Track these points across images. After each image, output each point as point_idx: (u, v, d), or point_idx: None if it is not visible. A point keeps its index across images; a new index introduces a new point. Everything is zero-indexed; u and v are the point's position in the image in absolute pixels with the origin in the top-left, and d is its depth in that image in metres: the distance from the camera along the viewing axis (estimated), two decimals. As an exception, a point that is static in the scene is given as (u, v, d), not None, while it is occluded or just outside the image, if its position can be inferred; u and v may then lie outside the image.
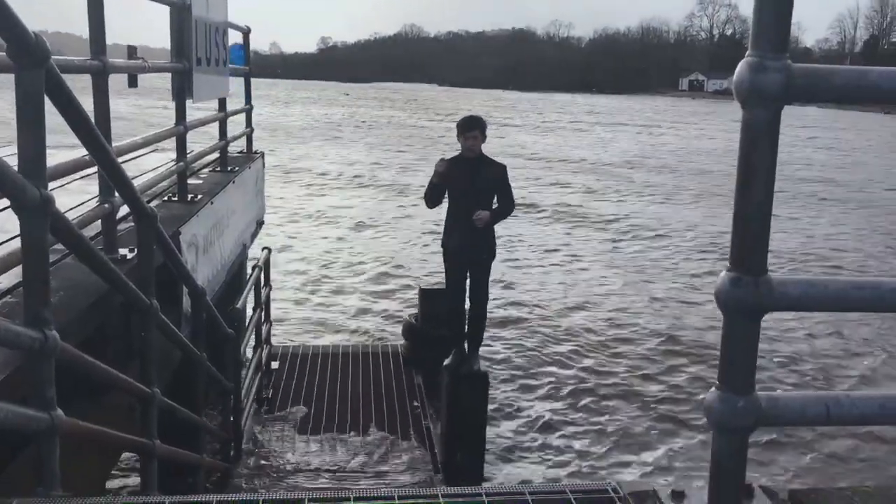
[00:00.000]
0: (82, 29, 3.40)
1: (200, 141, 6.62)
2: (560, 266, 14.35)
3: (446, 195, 6.08)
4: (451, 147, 6.59)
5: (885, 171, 31.08)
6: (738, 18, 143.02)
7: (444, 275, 6.40)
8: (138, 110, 41.62)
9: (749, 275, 1.27)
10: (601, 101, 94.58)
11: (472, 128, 5.91)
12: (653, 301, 12.01)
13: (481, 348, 6.47)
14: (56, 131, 2.19)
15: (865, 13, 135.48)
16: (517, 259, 14.58)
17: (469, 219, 5.88)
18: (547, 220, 18.78)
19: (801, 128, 50.84)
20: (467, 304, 6.25)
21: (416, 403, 6.99)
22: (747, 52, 1.21)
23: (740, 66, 1.20)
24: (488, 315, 6.54)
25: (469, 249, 6.03)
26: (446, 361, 6.19)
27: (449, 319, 6.35)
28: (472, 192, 5.93)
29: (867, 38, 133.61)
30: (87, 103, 2.59)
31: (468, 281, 6.18)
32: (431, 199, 6.12)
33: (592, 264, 14.57)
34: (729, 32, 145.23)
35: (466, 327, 6.25)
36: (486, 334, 6.65)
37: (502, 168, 6.07)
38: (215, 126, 6.35)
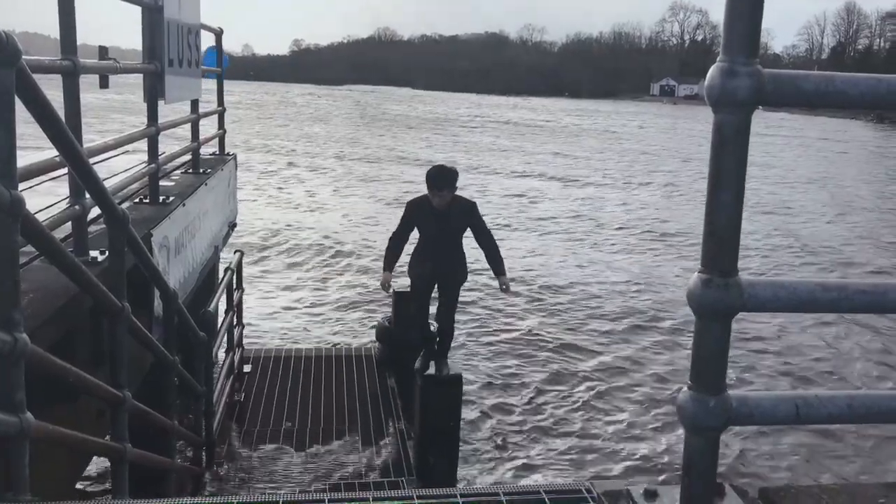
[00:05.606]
0: (52, 29, 3.37)
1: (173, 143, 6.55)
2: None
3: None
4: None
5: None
6: (709, 24, 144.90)
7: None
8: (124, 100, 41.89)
9: (720, 276, 1.29)
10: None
11: (442, 187, 5.78)
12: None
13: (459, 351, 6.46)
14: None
15: (832, 21, 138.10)
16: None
17: (440, 249, 5.90)
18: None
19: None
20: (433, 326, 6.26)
21: (389, 406, 6.98)
22: (718, 58, 1.23)
23: (712, 71, 1.22)
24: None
25: (442, 271, 6.03)
26: (417, 364, 6.18)
27: (419, 340, 6.32)
28: (443, 235, 5.93)
29: (834, 45, 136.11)
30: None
31: (437, 303, 6.17)
32: (400, 241, 6.08)
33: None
34: (700, 38, 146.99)
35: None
36: (459, 334, 6.62)
37: (472, 205, 6.01)
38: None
